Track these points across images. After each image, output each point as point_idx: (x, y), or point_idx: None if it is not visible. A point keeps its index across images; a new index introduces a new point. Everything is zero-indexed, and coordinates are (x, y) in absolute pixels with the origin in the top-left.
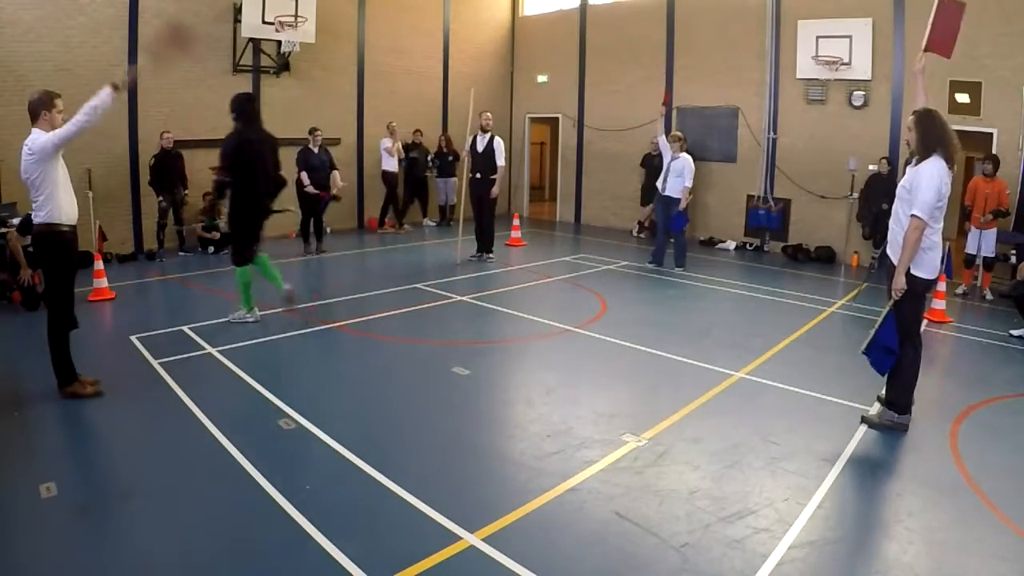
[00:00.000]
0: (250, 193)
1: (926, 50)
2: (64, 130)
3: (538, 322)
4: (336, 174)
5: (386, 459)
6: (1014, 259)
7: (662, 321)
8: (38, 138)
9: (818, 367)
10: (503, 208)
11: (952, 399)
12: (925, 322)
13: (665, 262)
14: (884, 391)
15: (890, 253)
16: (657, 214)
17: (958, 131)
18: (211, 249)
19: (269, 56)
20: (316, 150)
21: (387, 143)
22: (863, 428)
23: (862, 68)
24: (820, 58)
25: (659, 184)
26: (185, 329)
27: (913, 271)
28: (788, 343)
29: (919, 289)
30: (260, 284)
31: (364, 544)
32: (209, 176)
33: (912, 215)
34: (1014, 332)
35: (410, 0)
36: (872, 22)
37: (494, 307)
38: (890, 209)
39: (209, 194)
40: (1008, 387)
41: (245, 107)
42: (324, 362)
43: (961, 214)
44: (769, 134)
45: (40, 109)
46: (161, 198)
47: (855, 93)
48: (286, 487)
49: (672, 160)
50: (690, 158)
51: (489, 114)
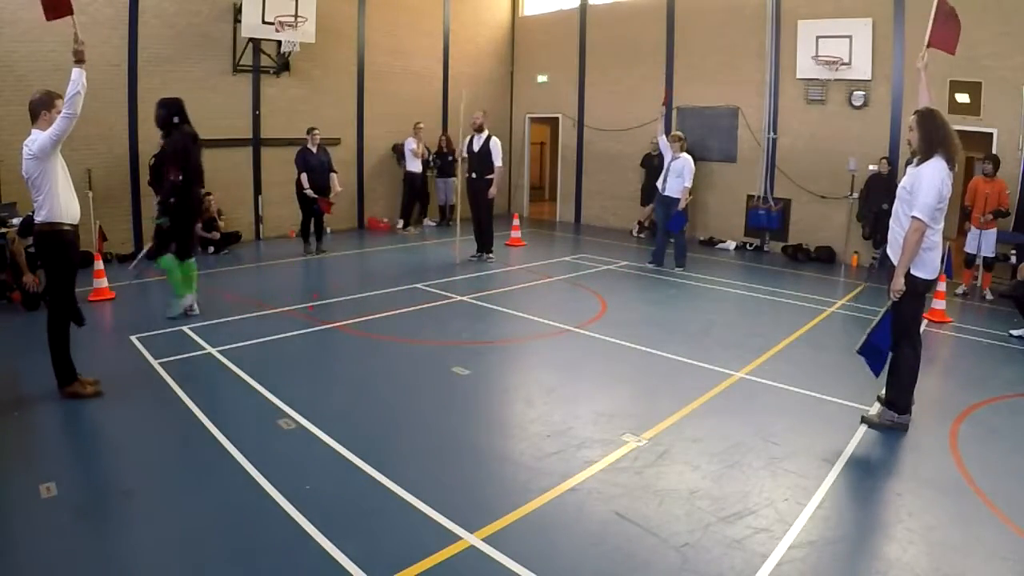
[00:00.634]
0: (191, 191)
1: (929, 46)
2: (57, 125)
3: (538, 322)
4: (335, 177)
5: (386, 459)
6: (1014, 259)
7: (662, 321)
8: (37, 138)
9: (818, 367)
10: (503, 208)
11: (952, 399)
12: (925, 322)
13: (665, 262)
14: (884, 391)
15: (891, 253)
16: (657, 214)
17: (958, 131)
18: (211, 249)
19: (269, 56)
20: (315, 150)
21: (412, 144)
22: (863, 428)
23: (862, 68)
24: (820, 58)
25: (659, 184)
26: (185, 329)
27: (913, 271)
28: (788, 343)
29: (919, 289)
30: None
31: (364, 544)
32: (207, 176)
33: (912, 216)
34: (1014, 332)
35: (410, 0)
36: (872, 22)
37: (494, 307)
38: (890, 209)
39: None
40: (1008, 387)
41: (183, 108)
42: (324, 362)
43: (961, 214)
44: (769, 134)
45: (40, 109)
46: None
47: (855, 93)
48: (286, 487)
49: (672, 160)
50: (690, 158)
51: (480, 113)
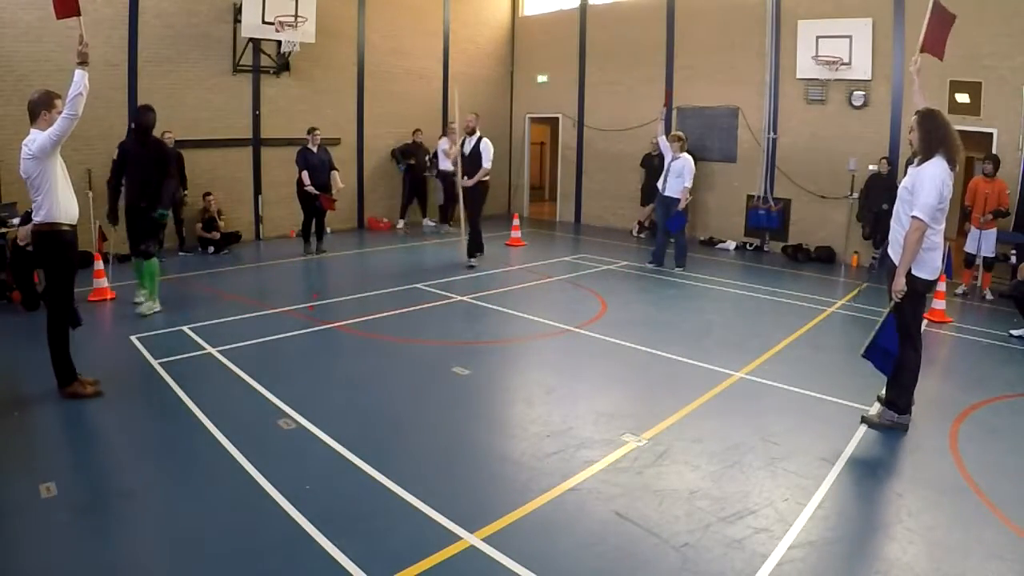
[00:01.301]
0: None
1: (922, 51)
2: (57, 126)
3: (538, 322)
4: (336, 174)
5: (386, 459)
6: (1014, 259)
7: (662, 321)
8: (36, 138)
9: (818, 367)
10: (503, 208)
11: (952, 399)
12: (925, 322)
13: (665, 262)
14: (884, 391)
15: (891, 254)
16: (657, 214)
17: (958, 131)
18: (211, 249)
19: (269, 56)
20: (315, 150)
21: (445, 144)
22: (863, 428)
23: (862, 68)
24: (820, 58)
25: (659, 184)
26: (185, 329)
27: (914, 272)
28: (788, 343)
29: (920, 289)
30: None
31: (364, 544)
32: (207, 177)
33: (913, 216)
34: (1014, 332)
35: (410, 0)
36: (872, 22)
37: (494, 307)
38: (890, 210)
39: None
40: (1008, 387)
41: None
42: (324, 362)
43: (961, 214)
44: (769, 134)
45: (40, 109)
46: None
47: (855, 93)
48: (286, 487)
49: (672, 160)
50: (690, 158)
51: (473, 116)
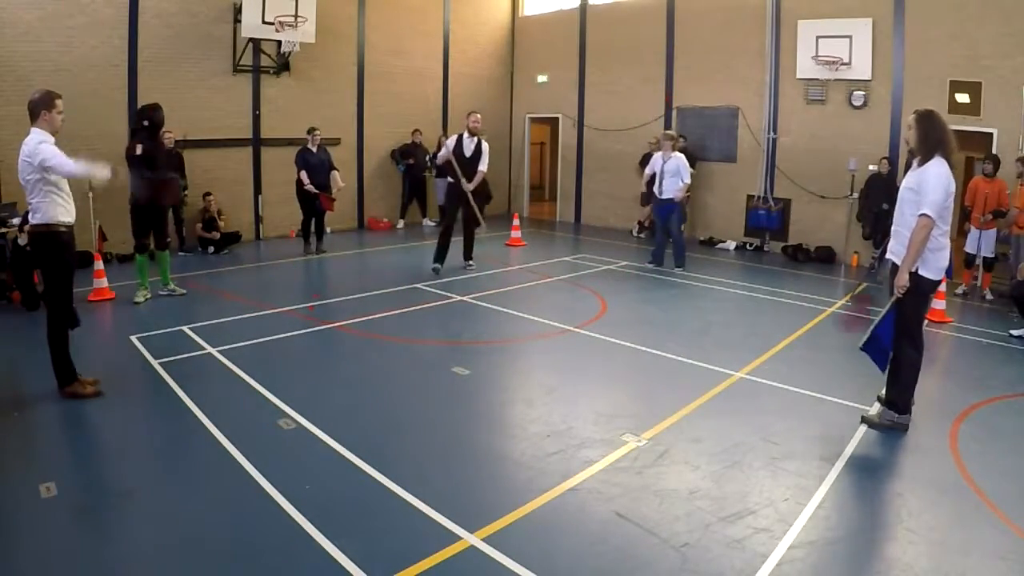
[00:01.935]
0: None
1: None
2: (60, 163)
3: (538, 322)
4: (336, 174)
5: (386, 459)
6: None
7: (662, 321)
8: (37, 146)
9: (818, 367)
10: (503, 208)
11: (952, 399)
12: (925, 322)
13: (665, 262)
14: (884, 391)
15: (893, 256)
16: (656, 215)
17: (958, 131)
18: (211, 249)
19: (269, 56)
20: (315, 150)
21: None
22: (863, 428)
23: (862, 68)
24: (820, 58)
25: (656, 190)
26: (185, 329)
27: (920, 271)
28: (788, 343)
29: (924, 289)
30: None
31: (364, 544)
32: (207, 177)
33: (922, 214)
34: (1014, 332)
35: (410, 0)
36: (872, 22)
37: (494, 307)
38: (890, 210)
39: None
40: (1008, 387)
41: None
42: (324, 362)
43: (961, 214)
44: (769, 134)
45: (40, 109)
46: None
47: (855, 93)
48: (286, 487)
49: (665, 163)
50: (683, 156)
51: (478, 115)
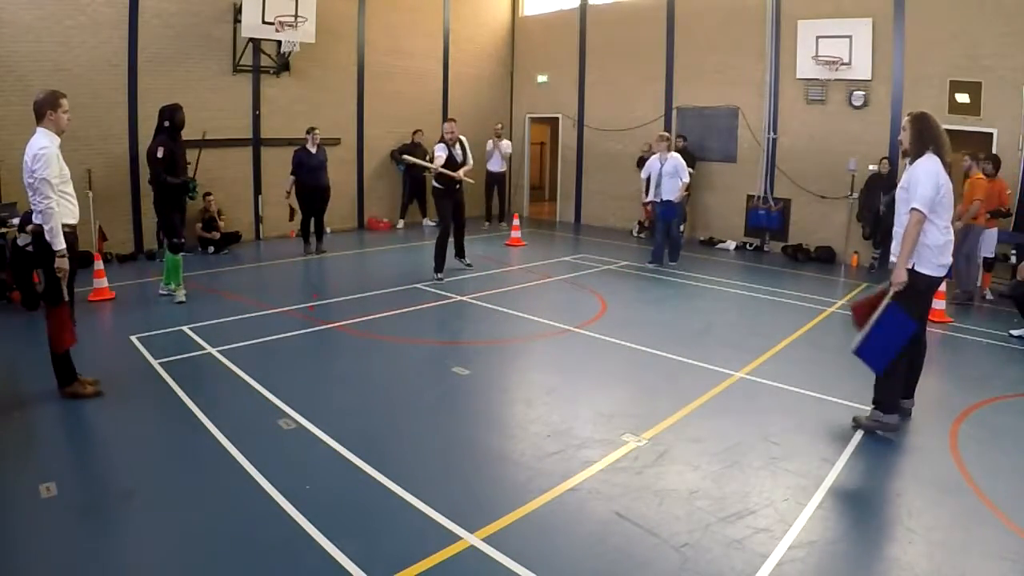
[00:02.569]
0: None
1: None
2: (42, 189)
3: (538, 322)
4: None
5: (386, 459)
6: (1014, 259)
7: (662, 321)
8: (39, 151)
9: (818, 367)
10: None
11: (952, 399)
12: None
13: (664, 261)
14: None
15: (895, 257)
16: (656, 215)
17: (958, 131)
18: (211, 249)
19: (269, 56)
20: (314, 150)
21: (491, 145)
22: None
23: (862, 68)
24: (820, 58)
25: (653, 193)
26: (185, 329)
27: (916, 267)
28: (788, 343)
29: (920, 286)
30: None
31: (364, 544)
32: (207, 177)
33: (912, 208)
34: (1014, 332)
35: (410, 0)
36: (872, 22)
37: (494, 307)
38: (890, 210)
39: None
40: (1008, 387)
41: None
42: (324, 362)
43: None
44: (769, 134)
45: (45, 109)
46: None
47: (855, 93)
48: (286, 487)
49: (663, 165)
50: (679, 156)
51: (453, 124)
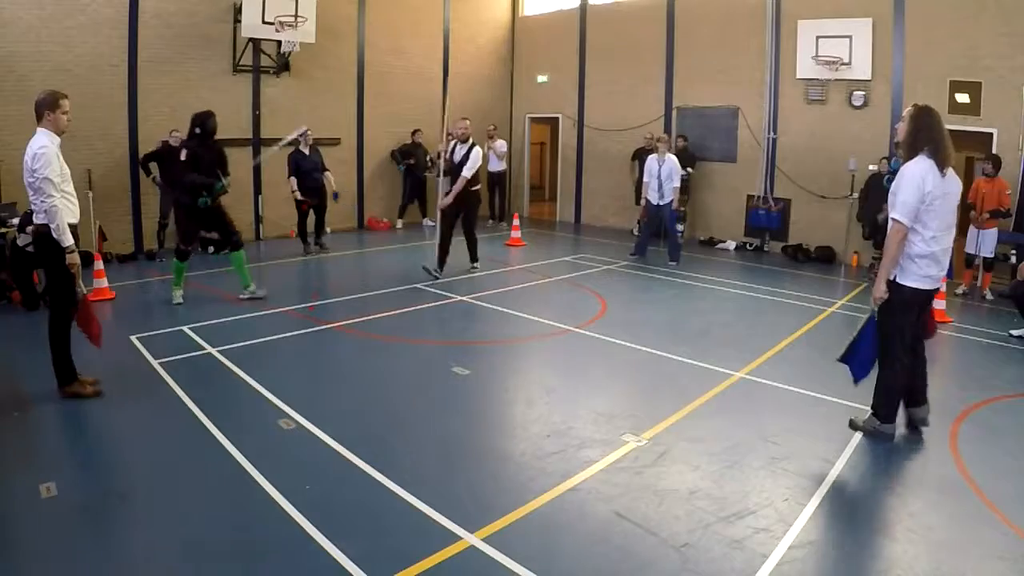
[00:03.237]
0: None
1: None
2: (45, 187)
3: (538, 322)
4: (329, 175)
5: (386, 459)
6: (1014, 259)
7: (662, 321)
8: (38, 150)
9: (818, 367)
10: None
11: (952, 399)
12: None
13: (656, 257)
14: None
15: None
16: (651, 216)
17: (958, 131)
18: (211, 249)
19: (269, 56)
20: (307, 152)
21: (501, 146)
22: None
23: (862, 68)
24: (820, 58)
25: (654, 196)
26: (185, 329)
27: (899, 279)
28: (788, 343)
29: (904, 298)
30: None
31: (364, 544)
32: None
33: (892, 218)
34: (1014, 332)
35: (410, 0)
36: (872, 22)
37: (494, 307)
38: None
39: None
40: (1008, 387)
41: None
42: (324, 362)
43: (962, 215)
44: (769, 134)
45: (44, 109)
46: (153, 176)
47: (855, 93)
48: (286, 487)
49: (661, 167)
50: (675, 158)
51: (466, 122)
